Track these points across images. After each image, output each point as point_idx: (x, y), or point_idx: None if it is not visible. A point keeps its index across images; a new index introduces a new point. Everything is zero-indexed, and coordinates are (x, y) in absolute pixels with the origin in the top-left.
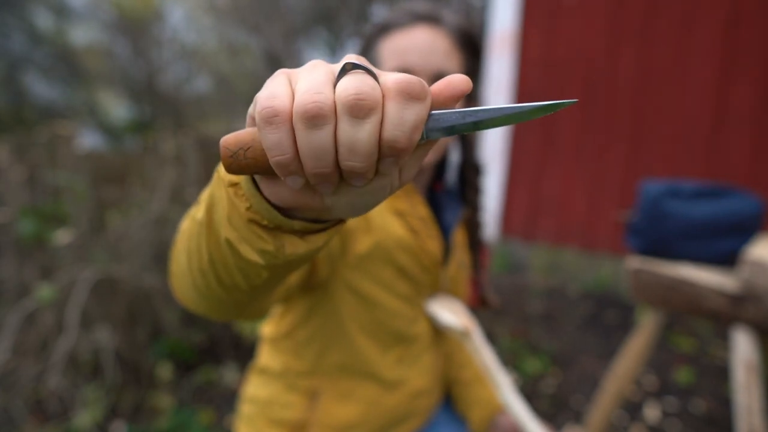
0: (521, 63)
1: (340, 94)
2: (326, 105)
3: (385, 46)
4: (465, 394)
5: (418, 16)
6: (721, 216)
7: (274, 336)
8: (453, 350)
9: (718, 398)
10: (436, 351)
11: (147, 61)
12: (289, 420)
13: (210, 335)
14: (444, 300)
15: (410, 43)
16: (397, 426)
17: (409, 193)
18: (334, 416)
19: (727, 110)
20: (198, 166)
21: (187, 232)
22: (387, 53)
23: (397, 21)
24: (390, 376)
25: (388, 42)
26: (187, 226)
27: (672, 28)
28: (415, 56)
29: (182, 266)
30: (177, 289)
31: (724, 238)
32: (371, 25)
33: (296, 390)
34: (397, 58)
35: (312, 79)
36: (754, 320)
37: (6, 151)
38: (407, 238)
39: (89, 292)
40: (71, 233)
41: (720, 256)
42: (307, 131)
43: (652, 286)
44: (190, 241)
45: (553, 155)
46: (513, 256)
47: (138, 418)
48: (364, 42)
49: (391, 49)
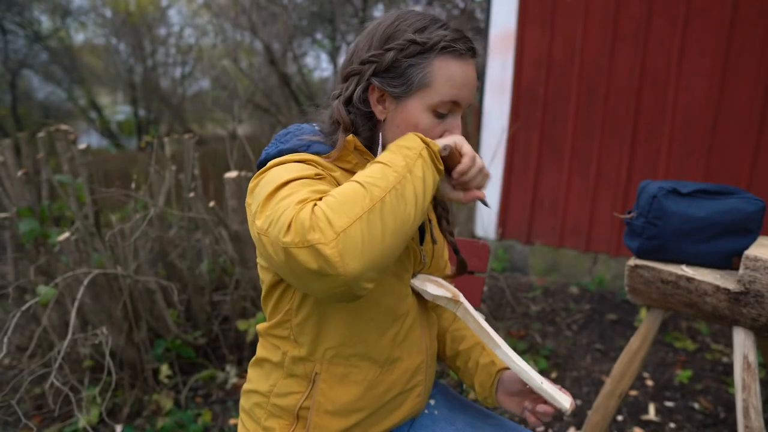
0: (520, 63)
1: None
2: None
3: (441, 68)
4: (467, 363)
5: (473, 51)
6: (721, 216)
7: (270, 327)
8: (446, 329)
9: (717, 398)
10: (423, 327)
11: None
12: (289, 407)
13: (210, 335)
14: (427, 277)
15: (465, 79)
16: (396, 409)
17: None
18: (333, 400)
19: (727, 110)
20: (197, 165)
21: (393, 202)
22: (443, 77)
23: (458, 47)
24: (386, 355)
25: (445, 66)
26: (393, 200)
27: (671, 28)
28: (465, 92)
29: (379, 229)
30: (353, 256)
31: (724, 238)
32: (429, 34)
33: (295, 376)
34: (453, 88)
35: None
36: (753, 320)
37: (7, 151)
38: None
39: (89, 291)
40: (71, 233)
41: (720, 256)
42: (480, 173)
43: (652, 287)
44: (398, 204)
45: (552, 155)
46: (512, 257)
47: (138, 418)
48: (415, 47)
49: (447, 76)
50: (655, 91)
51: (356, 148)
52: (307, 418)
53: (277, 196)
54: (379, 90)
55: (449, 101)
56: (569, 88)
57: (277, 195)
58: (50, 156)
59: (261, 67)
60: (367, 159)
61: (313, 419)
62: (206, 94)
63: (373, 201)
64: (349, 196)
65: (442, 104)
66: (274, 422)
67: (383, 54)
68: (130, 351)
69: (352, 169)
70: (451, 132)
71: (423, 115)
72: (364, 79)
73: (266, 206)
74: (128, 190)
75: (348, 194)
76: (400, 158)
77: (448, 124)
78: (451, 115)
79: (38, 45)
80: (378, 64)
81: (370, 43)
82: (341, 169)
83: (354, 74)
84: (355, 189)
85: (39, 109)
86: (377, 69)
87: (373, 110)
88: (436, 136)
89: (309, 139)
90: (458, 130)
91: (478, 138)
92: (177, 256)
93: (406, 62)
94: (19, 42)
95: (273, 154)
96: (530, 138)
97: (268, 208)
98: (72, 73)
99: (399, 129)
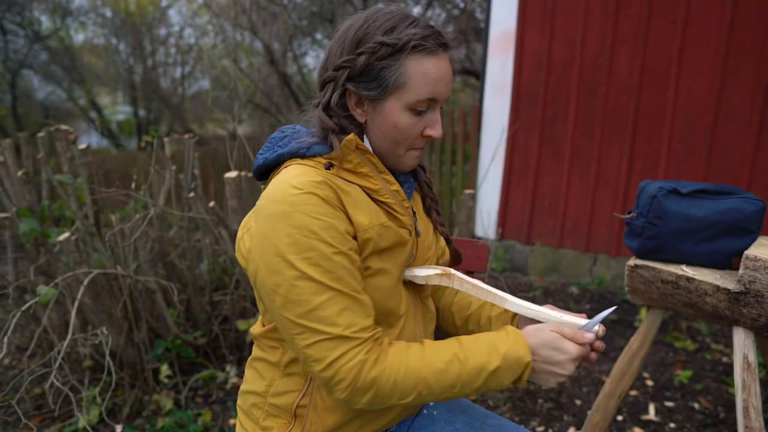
0: (520, 63)
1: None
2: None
3: (414, 67)
4: (479, 322)
5: (445, 46)
6: (721, 216)
7: (269, 331)
8: (450, 303)
9: (717, 398)
10: (417, 321)
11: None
12: (286, 406)
13: (210, 335)
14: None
15: (440, 74)
16: (392, 407)
17: (382, 172)
18: (330, 398)
19: (727, 110)
20: (197, 165)
21: (457, 385)
22: (417, 76)
23: (428, 45)
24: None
25: (418, 64)
26: (445, 393)
27: (671, 28)
28: (442, 87)
29: (444, 395)
30: (371, 404)
31: (724, 238)
32: (398, 34)
33: (292, 375)
34: (429, 85)
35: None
36: (753, 320)
37: (7, 151)
38: (388, 220)
39: (89, 291)
40: (71, 233)
41: (720, 256)
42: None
43: (652, 287)
44: (465, 387)
45: (552, 155)
46: (512, 257)
47: (138, 418)
48: (385, 49)
49: (421, 74)
50: (655, 91)
51: (358, 147)
52: (304, 416)
53: (322, 329)
54: (356, 94)
55: (426, 99)
56: (569, 88)
57: (322, 329)
58: (50, 156)
59: (261, 67)
60: (368, 158)
61: (310, 415)
62: (206, 94)
63: (429, 396)
64: (410, 381)
65: (419, 102)
66: (272, 422)
67: (355, 59)
68: (130, 351)
69: (353, 170)
70: (431, 127)
71: (401, 116)
72: (339, 86)
73: (309, 334)
74: (128, 190)
75: (409, 379)
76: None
77: (428, 119)
78: (429, 110)
79: (38, 45)
80: (351, 69)
81: (342, 48)
82: (344, 169)
83: (329, 81)
84: (418, 378)
85: (39, 109)
86: (351, 74)
87: (353, 114)
88: (417, 133)
89: (309, 141)
90: (438, 124)
91: (478, 138)
92: (177, 256)
93: (379, 65)
94: (19, 42)
95: (272, 159)
96: (530, 138)
97: (313, 338)
98: (72, 73)
99: (380, 131)
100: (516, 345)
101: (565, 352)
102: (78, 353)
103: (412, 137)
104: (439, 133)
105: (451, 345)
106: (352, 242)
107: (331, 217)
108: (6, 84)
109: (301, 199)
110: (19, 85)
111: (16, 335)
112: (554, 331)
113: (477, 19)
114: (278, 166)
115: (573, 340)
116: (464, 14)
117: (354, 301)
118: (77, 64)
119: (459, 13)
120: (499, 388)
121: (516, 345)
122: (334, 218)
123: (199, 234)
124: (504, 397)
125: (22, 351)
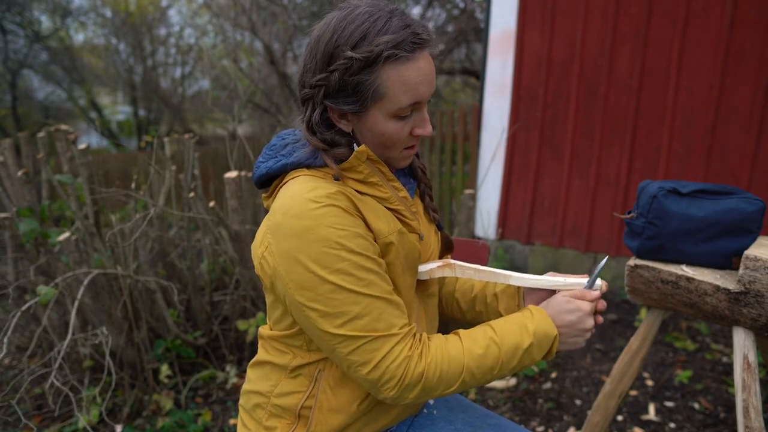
0: (520, 63)
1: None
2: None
3: (391, 77)
4: (485, 300)
5: (421, 45)
6: (721, 216)
7: (282, 336)
8: (453, 290)
9: (717, 398)
10: (420, 319)
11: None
12: (291, 407)
13: (210, 335)
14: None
15: (419, 77)
16: (394, 406)
17: (390, 179)
18: (335, 398)
19: (727, 110)
20: (197, 165)
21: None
22: (396, 85)
23: (402, 52)
24: None
25: (395, 74)
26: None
27: (671, 28)
28: (423, 88)
29: (483, 380)
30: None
31: (724, 238)
32: (369, 46)
33: (298, 377)
34: (409, 92)
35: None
36: (753, 320)
37: (7, 151)
38: (401, 228)
39: (89, 291)
40: (71, 233)
41: (720, 256)
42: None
43: (652, 287)
44: (503, 369)
45: (552, 155)
46: (512, 257)
47: (138, 418)
48: (358, 63)
49: (399, 82)
50: (655, 91)
51: (369, 158)
52: (308, 417)
53: (363, 335)
54: (337, 109)
55: (408, 105)
56: (569, 88)
57: (363, 334)
58: (50, 156)
59: (261, 67)
60: (378, 168)
61: (315, 416)
62: (206, 94)
63: (472, 382)
64: (455, 370)
65: (402, 109)
66: (275, 422)
67: (328, 77)
68: (130, 351)
69: (363, 180)
70: (419, 126)
71: (387, 124)
72: (318, 103)
73: (350, 341)
74: (128, 190)
75: (454, 369)
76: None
77: (415, 120)
78: (415, 112)
79: (38, 45)
80: (326, 87)
81: (315, 63)
82: (354, 180)
83: (307, 99)
84: (462, 366)
85: (39, 109)
86: (327, 92)
87: (338, 126)
88: (405, 136)
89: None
90: (426, 122)
91: (478, 138)
92: (177, 256)
93: (354, 80)
94: (19, 42)
95: (276, 169)
96: (530, 138)
97: (355, 344)
98: (72, 73)
99: (369, 138)
100: (542, 321)
101: (580, 310)
102: (78, 353)
103: (402, 140)
104: (428, 130)
105: (484, 330)
106: (376, 246)
107: (354, 226)
108: (6, 84)
109: (322, 212)
110: (19, 85)
111: (16, 335)
112: (564, 295)
113: (477, 19)
114: (281, 175)
115: (582, 298)
116: (464, 14)
117: (388, 303)
118: (77, 64)
119: (459, 13)
120: (531, 365)
121: (542, 321)
122: (356, 227)
123: (199, 234)
124: (504, 397)
125: (22, 351)
